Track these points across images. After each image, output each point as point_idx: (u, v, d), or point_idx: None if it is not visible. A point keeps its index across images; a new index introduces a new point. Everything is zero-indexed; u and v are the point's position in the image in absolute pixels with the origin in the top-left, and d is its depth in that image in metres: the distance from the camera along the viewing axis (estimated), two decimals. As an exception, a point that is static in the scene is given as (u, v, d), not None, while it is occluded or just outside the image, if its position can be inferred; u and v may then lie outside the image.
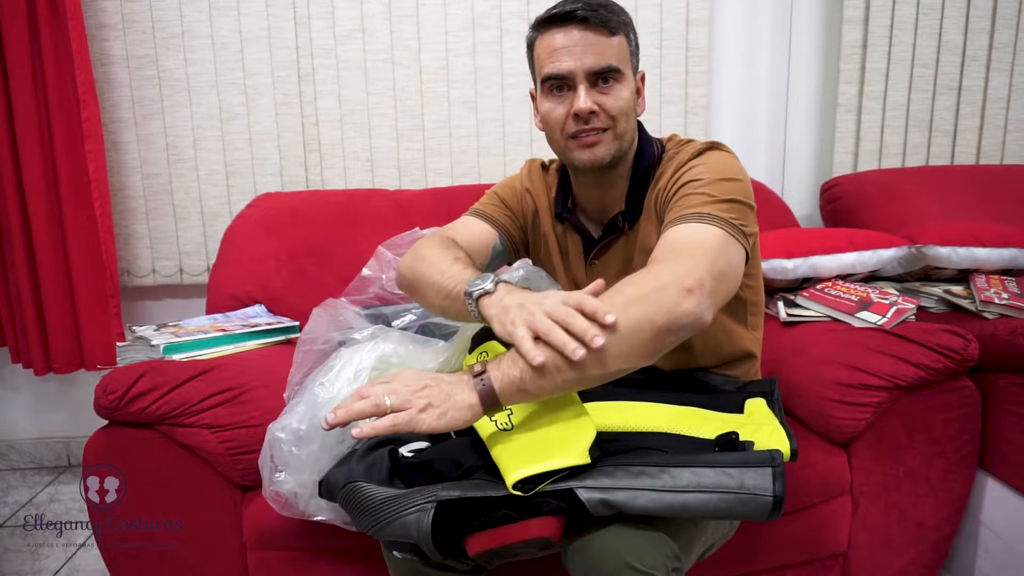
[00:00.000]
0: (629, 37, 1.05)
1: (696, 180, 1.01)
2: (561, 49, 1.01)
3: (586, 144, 1.04)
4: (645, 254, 1.07)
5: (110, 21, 1.98)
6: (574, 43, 1.01)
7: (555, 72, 1.02)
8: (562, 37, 1.01)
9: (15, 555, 1.76)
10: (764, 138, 2.21)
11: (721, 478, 0.83)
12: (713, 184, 0.99)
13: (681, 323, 0.85)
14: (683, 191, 1.01)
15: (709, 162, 1.03)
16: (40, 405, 2.26)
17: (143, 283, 2.12)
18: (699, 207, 0.97)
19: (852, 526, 1.29)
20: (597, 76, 1.02)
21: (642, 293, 0.85)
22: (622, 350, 0.84)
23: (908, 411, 1.27)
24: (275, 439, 1.02)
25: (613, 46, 1.02)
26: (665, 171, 1.08)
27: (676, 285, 0.85)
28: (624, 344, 0.83)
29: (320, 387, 1.02)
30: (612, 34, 1.02)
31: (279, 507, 1.05)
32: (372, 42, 2.03)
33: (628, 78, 1.04)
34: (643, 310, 0.84)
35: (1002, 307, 1.46)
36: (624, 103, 1.03)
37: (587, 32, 1.00)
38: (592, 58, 1.01)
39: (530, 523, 0.84)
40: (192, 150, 2.05)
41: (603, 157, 1.05)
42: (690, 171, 1.03)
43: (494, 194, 1.26)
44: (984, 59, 2.11)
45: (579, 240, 1.18)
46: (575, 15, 1.00)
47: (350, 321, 1.26)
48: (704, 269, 0.88)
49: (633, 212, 1.11)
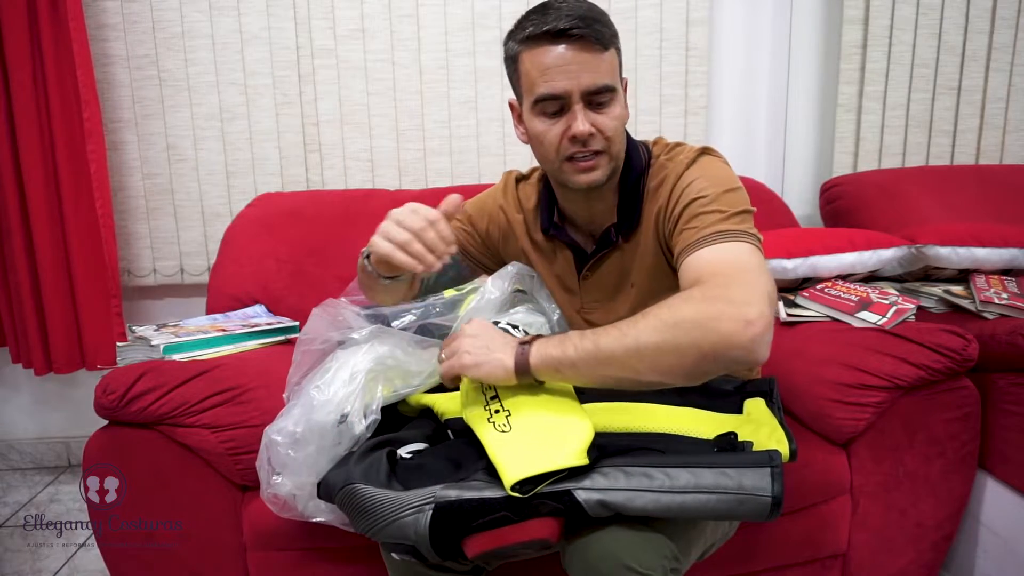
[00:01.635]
0: (618, 48, 1.02)
1: (702, 196, 0.99)
2: (555, 68, 0.96)
3: (583, 168, 1.02)
4: (644, 269, 1.08)
5: (110, 21, 1.98)
6: (568, 62, 0.96)
7: (550, 93, 0.98)
8: (555, 55, 0.96)
9: (15, 555, 1.76)
10: (764, 138, 2.21)
11: (719, 479, 0.83)
12: (720, 199, 0.98)
13: (731, 355, 0.82)
14: (691, 210, 0.99)
15: (707, 173, 1.02)
16: (40, 405, 2.26)
17: (143, 283, 2.12)
18: (716, 225, 0.95)
19: (852, 526, 1.29)
20: (592, 95, 0.98)
21: (697, 316, 0.83)
22: (660, 366, 0.84)
23: (908, 411, 1.26)
24: (271, 442, 1.02)
25: (606, 62, 0.98)
26: (662, 183, 1.06)
27: (735, 315, 0.81)
28: (665, 361, 0.84)
29: (316, 389, 1.02)
30: (604, 49, 0.97)
31: (277, 509, 1.05)
32: (372, 42, 2.03)
33: (620, 93, 1.02)
34: (694, 334, 0.82)
35: (1002, 307, 1.46)
36: (619, 122, 1.01)
37: (581, 50, 0.96)
38: (588, 77, 0.96)
39: (528, 524, 0.84)
40: (192, 150, 2.05)
41: (600, 180, 1.03)
42: (691, 186, 1.01)
43: (463, 209, 1.26)
44: (984, 59, 2.11)
45: (569, 254, 1.16)
46: (570, 33, 0.95)
47: (349, 321, 1.26)
48: (762, 298, 0.84)
49: (627, 224, 1.09)
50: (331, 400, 0.99)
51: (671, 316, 0.84)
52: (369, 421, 1.00)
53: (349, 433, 0.99)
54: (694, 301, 0.86)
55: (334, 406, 0.99)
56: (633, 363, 0.85)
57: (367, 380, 1.01)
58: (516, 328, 1.08)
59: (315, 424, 0.99)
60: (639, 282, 1.09)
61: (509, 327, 1.07)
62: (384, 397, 1.02)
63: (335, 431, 0.99)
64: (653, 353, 0.84)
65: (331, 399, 1.00)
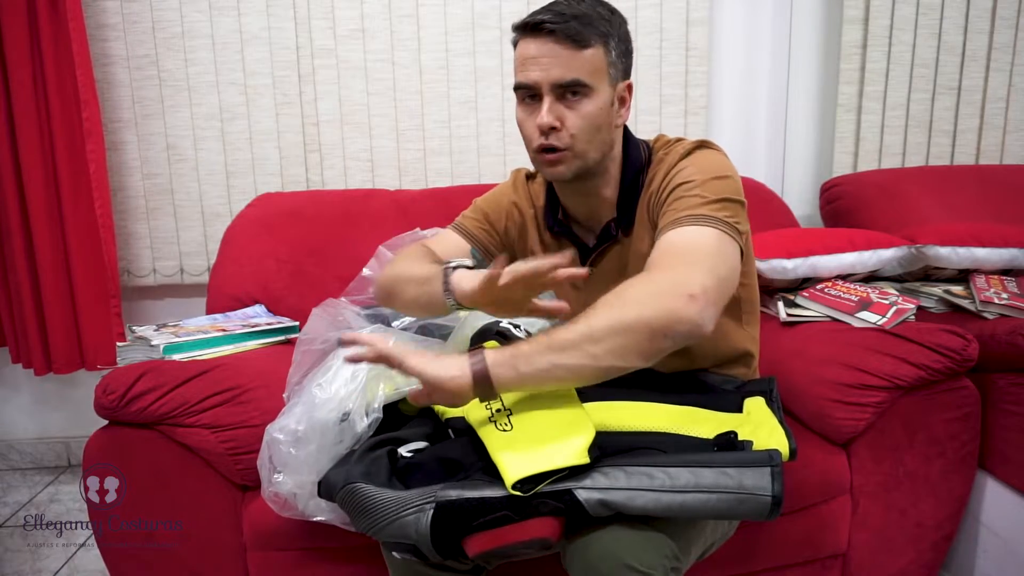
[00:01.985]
0: (609, 47, 1.01)
1: (688, 182, 1.00)
2: (530, 60, 1.00)
3: (547, 161, 1.05)
4: (640, 259, 1.07)
5: (110, 21, 1.98)
6: (542, 54, 0.99)
7: (522, 82, 1.02)
8: (533, 47, 1.00)
9: (15, 555, 1.76)
10: (764, 138, 2.21)
11: (720, 478, 0.83)
12: (705, 184, 0.99)
13: (678, 329, 0.85)
14: (676, 193, 1.01)
15: (698, 162, 1.03)
16: (40, 405, 2.26)
17: (143, 283, 2.12)
18: (692, 209, 0.97)
19: (852, 526, 1.29)
20: (564, 89, 1.00)
21: (641, 295, 0.87)
22: (614, 347, 0.85)
23: (908, 411, 1.27)
24: (273, 440, 1.02)
25: (583, 59, 0.99)
26: (656, 174, 1.08)
27: (677, 291, 0.86)
28: (617, 341, 0.85)
29: (318, 388, 1.02)
30: (583, 47, 0.98)
31: (278, 508, 1.06)
32: (372, 42, 2.03)
33: (600, 91, 1.01)
34: (639, 311, 0.85)
35: (1002, 307, 1.46)
36: (587, 120, 1.01)
37: (556, 44, 0.98)
38: (558, 71, 0.99)
39: (529, 524, 0.84)
40: (192, 150, 2.05)
41: (564, 175, 1.05)
42: (680, 173, 1.03)
43: (478, 207, 1.27)
44: (984, 59, 2.11)
45: (575, 251, 1.17)
46: (546, 27, 0.98)
47: (350, 321, 1.26)
48: (706, 274, 0.88)
49: (626, 219, 1.10)
50: (333, 398, 1.00)
51: (618, 298, 0.88)
52: (371, 419, 1.00)
53: (351, 431, 0.99)
54: (640, 282, 0.90)
55: (336, 404, 1.00)
56: (588, 347, 0.85)
57: (369, 378, 1.02)
58: (518, 328, 1.08)
59: (317, 422, 0.99)
60: (635, 272, 1.09)
61: (511, 327, 1.08)
62: (386, 395, 1.02)
63: (337, 429, 0.99)
64: (605, 334, 0.85)
65: (333, 397, 1.00)
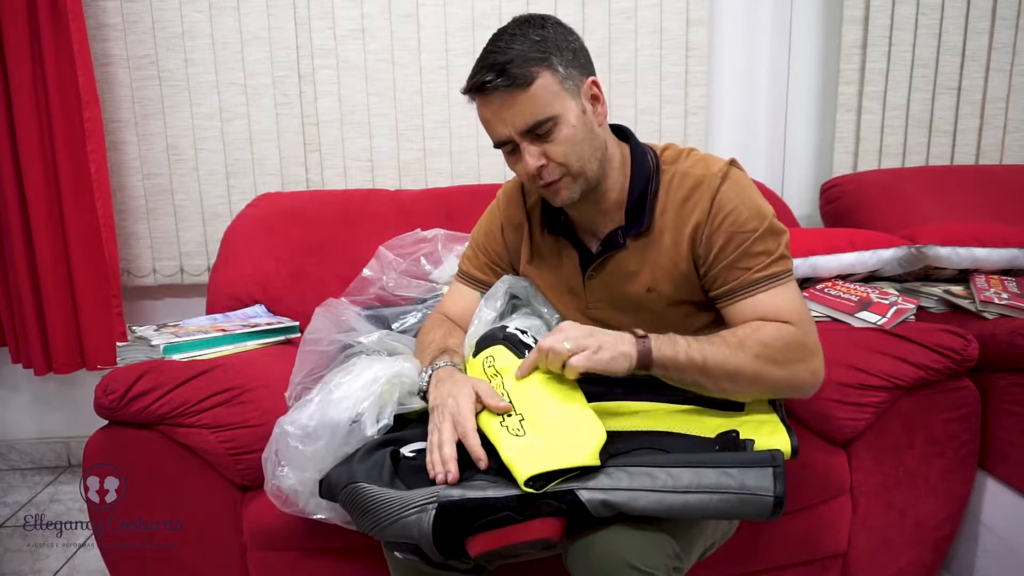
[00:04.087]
0: (554, 67, 0.98)
1: (747, 231, 1.02)
2: (490, 121, 1.02)
3: (552, 192, 1.05)
4: (662, 274, 1.08)
5: (110, 21, 1.98)
6: (498, 111, 1.00)
7: (496, 140, 1.04)
8: (486, 108, 1.02)
9: (15, 555, 1.76)
10: (764, 138, 2.21)
11: (722, 478, 0.83)
12: (765, 239, 1.02)
13: (797, 394, 1.03)
14: (737, 241, 1.02)
15: (745, 199, 1.03)
16: (40, 405, 2.26)
17: (144, 283, 2.12)
18: (767, 268, 1.02)
19: (852, 526, 1.29)
20: (532, 131, 1.00)
21: (784, 372, 0.99)
22: (742, 389, 0.99)
23: (908, 411, 1.27)
24: (283, 432, 1.03)
25: (535, 96, 0.97)
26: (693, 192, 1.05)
27: (813, 368, 1.01)
28: (747, 387, 0.99)
29: (336, 386, 1.04)
30: (529, 85, 0.97)
31: (280, 503, 1.06)
32: (372, 42, 2.03)
33: (566, 111, 1.00)
34: (778, 376, 0.98)
35: (1002, 307, 1.46)
36: (568, 144, 1.01)
37: (504, 95, 0.98)
38: (519, 119, 0.99)
39: (531, 524, 0.84)
40: (192, 150, 2.05)
41: (573, 197, 1.05)
42: (733, 213, 1.02)
43: (475, 243, 1.28)
44: (984, 59, 2.11)
45: (575, 254, 1.16)
46: (485, 88, 0.99)
47: (352, 322, 1.27)
48: (821, 354, 1.02)
49: (636, 227, 1.09)
50: (349, 397, 1.01)
51: (769, 354, 0.97)
52: (381, 425, 1.01)
53: (359, 434, 1.00)
54: (788, 347, 0.99)
55: (351, 404, 1.01)
56: (724, 383, 0.98)
57: (384, 388, 1.03)
58: (525, 333, 1.10)
59: (329, 420, 1.00)
60: (660, 288, 1.09)
61: (517, 331, 1.10)
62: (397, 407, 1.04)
63: (346, 429, 1.00)
64: (745, 380, 0.98)
65: (349, 396, 1.01)
